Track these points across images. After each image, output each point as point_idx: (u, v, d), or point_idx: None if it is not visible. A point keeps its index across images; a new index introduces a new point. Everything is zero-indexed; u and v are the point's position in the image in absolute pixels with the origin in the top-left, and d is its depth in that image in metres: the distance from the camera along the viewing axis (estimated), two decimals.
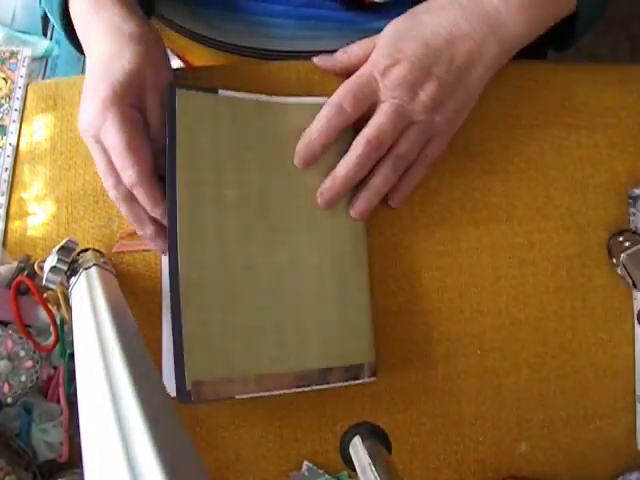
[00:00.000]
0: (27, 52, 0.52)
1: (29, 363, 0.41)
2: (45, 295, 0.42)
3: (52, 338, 0.42)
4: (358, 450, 0.34)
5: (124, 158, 0.39)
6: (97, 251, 0.45)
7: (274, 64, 0.50)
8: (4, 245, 0.46)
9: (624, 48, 1.27)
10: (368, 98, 0.43)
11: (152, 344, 0.43)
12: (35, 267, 0.43)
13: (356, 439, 0.35)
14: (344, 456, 0.36)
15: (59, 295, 0.42)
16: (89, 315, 0.33)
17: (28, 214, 0.47)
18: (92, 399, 0.26)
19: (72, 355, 0.41)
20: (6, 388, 0.41)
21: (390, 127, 0.42)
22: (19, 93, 0.49)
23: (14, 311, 0.41)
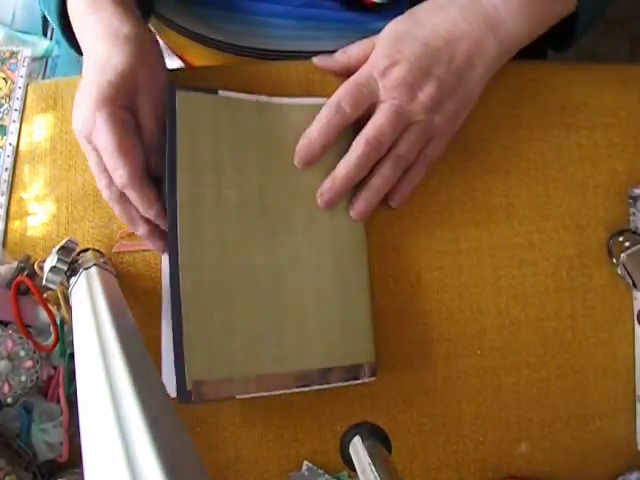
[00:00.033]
0: (27, 52, 0.52)
1: (29, 363, 0.41)
2: (45, 295, 0.42)
3: (52, 338, 0.42)
4: (358, 450, 0.34)
5: (114, 159, 0.39)
6: (97, 251, 0.45)
7: (274, 64, 0.50)
8: (4, 245, 0.46)
9: (624, 48, 1.27)
10: (367, 99, 0.43)
11: (152, 344, 0.43)
12: (35, 267, 0.43)
13: (356, 439, 0.35)
14: (344, 456, 0.36)
15: (59, 295, 0.42)
16: (89, 315, 0.33)
17: (28, 214, 0.47)
18: (92, 399, 0.26)
19: (72, 355, 0.41)
20: (6, 388, 0.41)
21: (389, 128, 0.42)
22: (19, 93, 0.49)
23: (14, 311, 0.41)
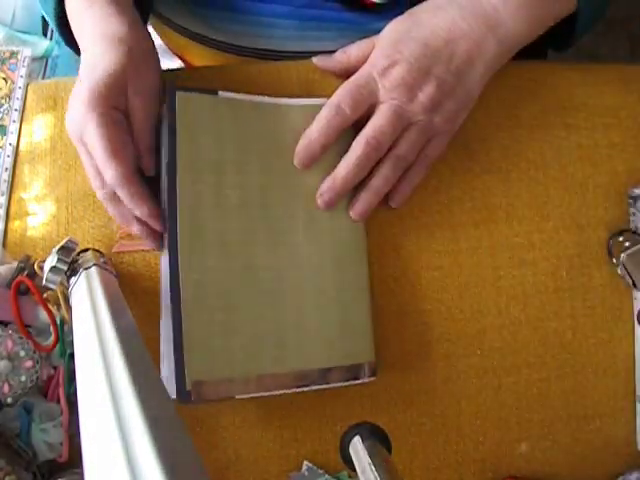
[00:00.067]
0: (27, 52, 0.52)
1: (29, 363, 0.41)
2: (45, 295, 0.42)
3: (52, 338, 0.42)
4: (358, 450, 0.34)
5: (104, 159, 0.39)
6: (97, 251, 0.45)
7: (274, 64, 0.50)
8: (4, 245, 0.46)
9: (624, 48, 1.27)
10: (367, 99, 0.43)
11: (152, 344, 0.43)
12: (35, 267, 0.43)
13: (356, 439, 0.35)
14: (344, 456, 0.36)
15: (59, 295, 0.42)
16: (89, 315, 0.33)
17: (28, 214, 0.47)
18: (92, 399, 0.26)
19: (72, 355, 0.41)
20: (6, 388, 0.41)
21: (389, 128, 0.42)
22: (19, 93, 0.49)
23: (14, 311, 0.41)
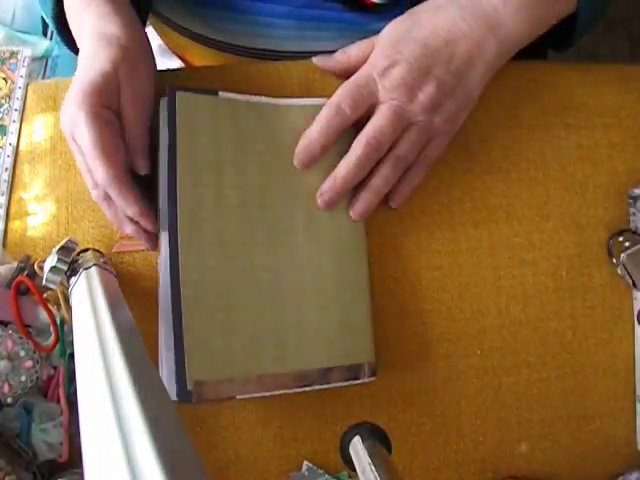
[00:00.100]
0: (27, 52, 0.52)
1: (29, 363, 0.41)
2: (45, 295, 0.42)
3: (52, 338, 0.42)
4: (358, 450, 0.34)
5: (94, 159, 0.39)
6: (97, 251, 0.45)
7: (274, 64, 0.50)
8: (4, 245, 0.46)
9: (624, 48, 1.27)
10: (367, 99, 0.43)
11: (152, 344, 0.43)
12: (35, 267, 0.43)
13: (356, 439, 0.35)
14: (344, 456, 0.36)
15: (59, 295, 0.42)
16: (89, 315, 0.33)
17: (28, 214, 0.47)
18: (92, 399, 0.26)
19: (72, 355, 0.41)
20: (6, 388, 0.41)
21: (389, 128, 0.42)
22: (19, 93, 0.49)
23: (14, 311, 0.41)
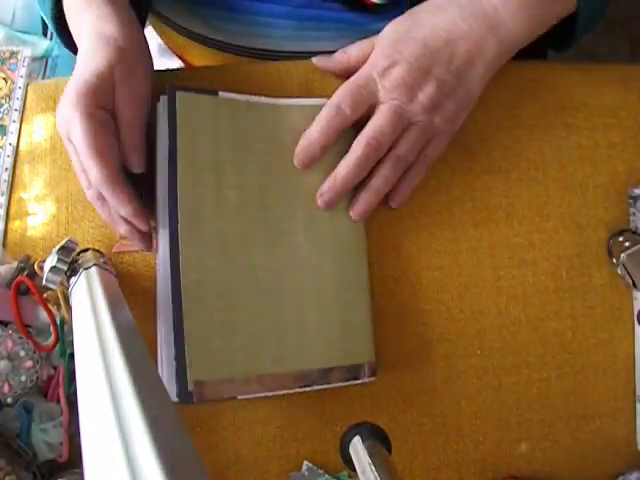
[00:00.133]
0: (27, 52, 0.52)
1: (29, 363, 0.41)
2: (45, 295, 0.42)
3: (52, 338, 0.42)
4: (358, 450, 0.34)
5: (88, 158, 0.39)
6: (97, 251, 0.45)
7: (274, 64, 0.50)
8: (4, 245, 0.46)
9: (624, 48, 1.27)
10: (367, 100, 0.43)
11: (152, 344, 0.43)
12: (35, 267, 0.43)
13: (356, 439, 0.35)
14: (344, 456, 0.36)
15: (59, 295, 0.42)
16: (89, 315, 0.33)
17: (28, 214, 0.47)
18: (92, 399, 0.26)
19: (72, 355, 0.41)
20: (6, 388, 0.41)
21: (389, 128, 0.42)
22: (19, 93, 0.49)
23: (14, 311, 0.41)
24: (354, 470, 0.34)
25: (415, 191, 0.47)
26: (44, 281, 0.40)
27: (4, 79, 0.50)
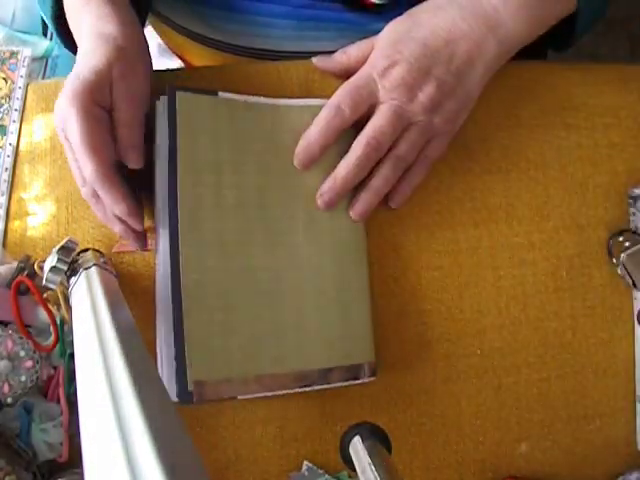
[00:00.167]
0: (27, 52, 0.52)
1: (29, 363, 0.41)
2: (45, 295, 0.42)
3: (52, 338, 0.42)
4: (358, 450, 0.34)
5: (83, 155, 0.39)
6: (97, 251, 0.45)
7: (274, 64, 0.49)
8: (4, 245, 0.46)
9: (624, 48, 1.27)
10: (367, 100, 0.43)
11: (152, 344, 0.43)
12: (35, 267, 0.43)
13: (356, 439, 0.35)
14: (344, 456, 0.36)
15: (59, 295, 0.42)
16: (89, 315, 0.33)
17: (28, 214, 0.47)
18: (92, 399, 0.26)
19: (72, 355, 0.40)
20: (6, 388, 0.41)
21: (389, 128, 0.42)
22: (19, 93, 0.49)
23: (14, 311, 0.41)
24: (354, 470, 0.34)
25: (415, 191, 0.46)
26: (44, 281, 0.40)
27: (4, 79, 0.50)
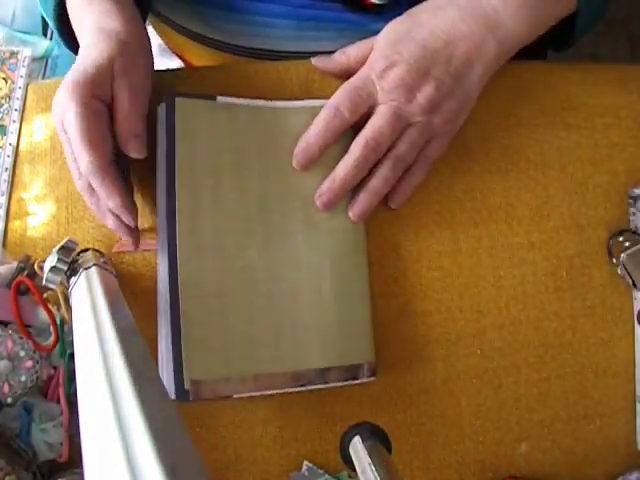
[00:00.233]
0: (27, 52, 0.52)
1: (29, 363, 0.41)
2: (45, 295, 0.42)
3: (52, 338, 0.42)
4: (358, 450, 0.34)
5: (79, 147, 0.39)
6: (97, 251, 0.45)
7: (273, 64, 0.49)
8: (4, 245, 0.46)
9: (624, 48, 1.27)
10: (366, 101, 0.43)
11: (152, 343, 0.43)
12: (35, 267, 0.43)
13: (356, 439, 0.35)
14: (344, 456, 0.36)
15: (59, 295, 0.42)
16: (89, 315, 0.33)
17: (28, 214, 0.47)
18: (92, 399, 0.26)
19: (72, 355, 0.41)
20: (6, 388, 0.41)
21: (388, 129, 0.42)
22: (19, 93, 0.49)
23: (14, 311, 0.41)
24: (354, 470, 0.34)
25: (415, 191, 0.47)
26: (44, 281, 0.40)
27: (4, 79, 0.50)
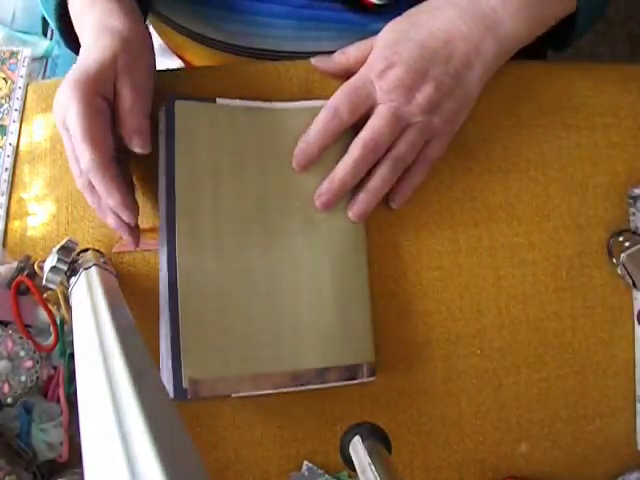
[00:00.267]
0: (27, 52, 0.52)
1: (29, 363, 0.41)
2: (45, 295, 0.42)
3: (52, 338, 0.42)
4: (358, 450, 0.34)
5: (80, 144, 0.39)
6: (97, 251, 0.45)
7: (273, 64, 0.50)
8: (4, 245, 0.46)
9: (624, 48, 1.27)
10: (365, 102, 0.43)
11: (152, 343, 0.43)
12: (35, 267, 0.43)
13: (356, 439, 0.35)
14: (344, 456, 0.36)
15: (59, 295, 0.42)
16: (89, 315, 0.33)
17: (28, 214, 0.47)
18: (92, 399, 0.26)
19: (72, 355, 0.41)
20: (6, 388, 0.41)
21: (387, 130, 0.42)
22: (19, 93, 0.49)
23: (14, 311, 0.41)
24: (354, 470, 0.34)
25: (415, 191, 0.47)
26: (44, 281, 0.40)
27: (4, 79, 0.50)
